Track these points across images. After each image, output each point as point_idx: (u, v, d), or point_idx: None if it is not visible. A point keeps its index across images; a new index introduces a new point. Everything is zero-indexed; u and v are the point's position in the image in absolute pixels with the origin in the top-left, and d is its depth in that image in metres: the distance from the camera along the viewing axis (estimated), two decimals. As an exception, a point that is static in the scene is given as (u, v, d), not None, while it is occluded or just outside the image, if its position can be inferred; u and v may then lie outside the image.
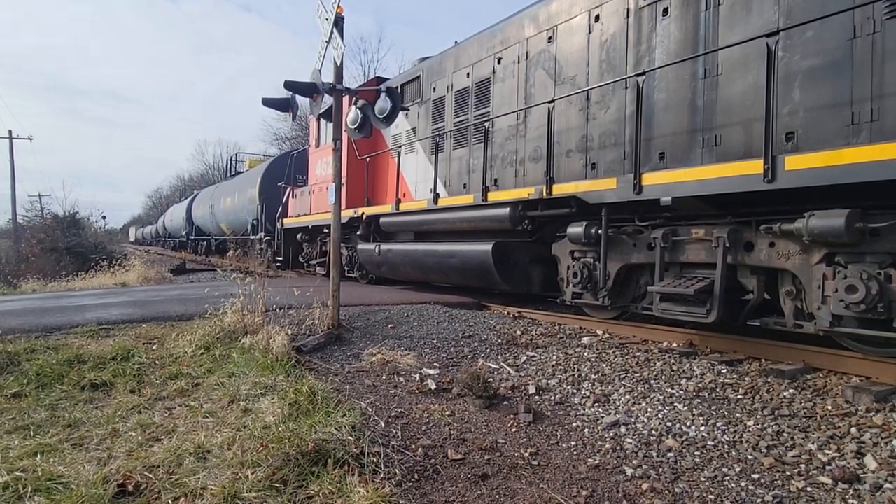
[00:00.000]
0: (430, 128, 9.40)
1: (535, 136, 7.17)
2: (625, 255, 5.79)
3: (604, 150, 6.23)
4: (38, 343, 5.21)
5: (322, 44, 5.75)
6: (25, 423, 3.49)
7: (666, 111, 5.56)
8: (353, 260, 11.30)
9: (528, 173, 7.28)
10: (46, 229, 24.28)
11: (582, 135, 6.48)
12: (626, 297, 6.00)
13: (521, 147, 7.42)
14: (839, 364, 4.30)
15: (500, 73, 7.86)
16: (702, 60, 5.24)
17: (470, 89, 8.46)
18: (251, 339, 5.12)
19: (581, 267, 6.21)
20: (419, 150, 9.74)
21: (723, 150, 5.07)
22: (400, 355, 4.88)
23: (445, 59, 9.20)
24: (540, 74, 7.14)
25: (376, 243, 9.85)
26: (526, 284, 7.34)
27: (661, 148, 5.59)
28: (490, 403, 3.87)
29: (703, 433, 3.35)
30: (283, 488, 2.60)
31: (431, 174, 8.96)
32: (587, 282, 6.14)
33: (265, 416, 3.35)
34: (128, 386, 4.26)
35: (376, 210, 10.11)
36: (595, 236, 5.91)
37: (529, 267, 7.31)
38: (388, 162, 10.57)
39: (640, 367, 4.56)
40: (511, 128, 7.60)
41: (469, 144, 8.48)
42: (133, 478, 2.69)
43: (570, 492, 2.76)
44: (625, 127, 5.96)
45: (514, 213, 6.90)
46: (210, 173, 57.74)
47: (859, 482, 2.74)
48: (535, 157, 7.15)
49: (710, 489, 2.77)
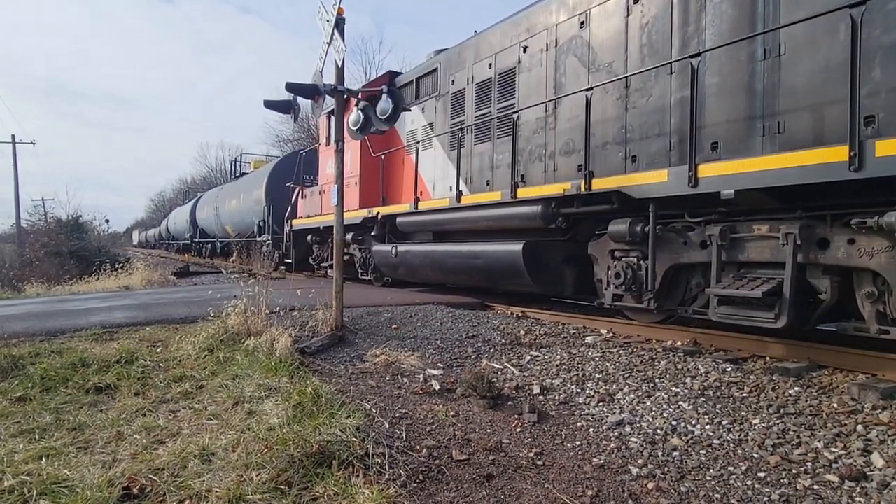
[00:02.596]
0: (448, 122, 9.05)
1: (566, 128, 6.79)
2: (674, 254, 5.39)
3: (646, 142, 5.82)
4: (42, 346, 5.22)
5: (323, 45, 5.75)
6: (30, 427, 3.49)
7: (719, 97, 5.13)
8: (367, 262, 10.95)
9: (559, 168, 6.89)
10: (50, 233, 24.32)
11: (620, 125, 6.08)
12: (673, 299, 5.59)
13: (551, 140, 7.03)
14: (845, 361, 4.28)
15: (526, 63, 7.47)
16: (761, 40, 4.82)
17: (492, 80, 8.08)
18: (255, 340, 5.12)
19: (624, 267, 5.78)
20: (437, 146, 9.38)
21: (787, 138, 4.63)
22: (404, 356, 4.88)
23: (465, 49, 8.83)
24: (571, 62, 6.75)
25: (392, 244, 9.52)
26: (557, 286, 6.96)
27: (713, 137, 5.14)
28: (494, 403, 3.86)
29: (708, 432, 3.33)
30: (288, 490, 2.60)
31: (451, 171, 8.65)
32: (630, 283, 5.70)
33: (269, 418, 3.35)
34: (132, 389, 4.26)
35: (392, 209, 9.74)
36: (641, 234, 5.50)
37: (561, 267, 6.90)
38: (404, 159, 10.20)
39: (644, 366, 4.55)
40: (539, 120, 7.21)
41: (492, 139, 8.09)
42: (138, 480, 2.69)
43: (575, 492, 2.75)
44: (670, 116, 5.57)
45: (546, 211, 6.53)
46: (212, 176, 57.86)
47: (866, 480, 2.72)
48: (567, 151, 6.76)
49: (715, 488, 2.76)
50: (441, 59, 9.42)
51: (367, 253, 10.74)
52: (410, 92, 10.21)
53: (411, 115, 10.05)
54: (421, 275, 9.12)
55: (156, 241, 45.40)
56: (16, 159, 34.81)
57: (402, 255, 9.15)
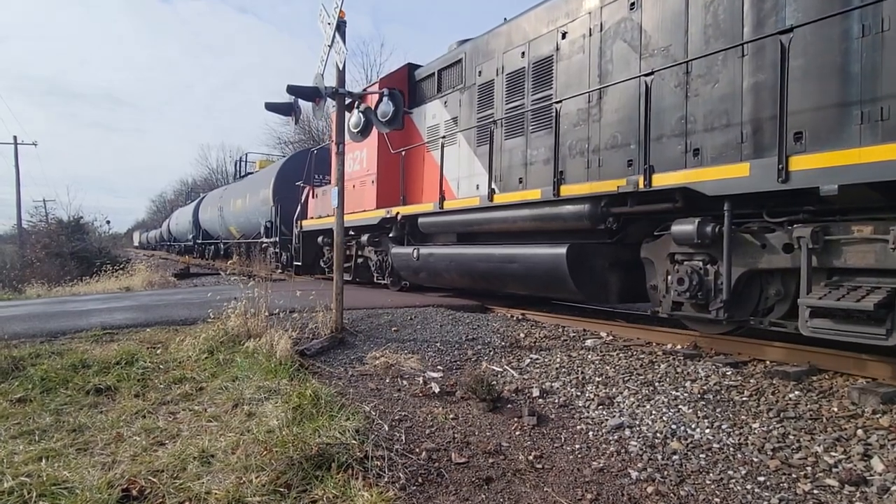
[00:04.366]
0: (474, 116, 8.44)
1: (613, 119, 6.20)
2: (749, 258, 4.79)
3: (711, 133, 5.25)
4: (42, 348, 5.22)
5: (324, 48, 5.76)
6: (30, 428, 3.49)
7: (804, 81, 4.55)
8: (383, 265, 10.32)
9: (605, 163, 6.29)
10: (51, 234, 24.40)
11: (679, 116, 5.51)
12: (745, 309, 4.99)
13: (594, 134, 6.44)
14: (845, 365, 4.27)
15: (565, 50, 6.89)
16: (857, 15, 4.25)
17: (526, 70, 7.48)
18: (255, 342, 5.12)
19: (688, 272, 5.17)
20: (461, 141, 8.77)
21: (894, 126, 4.07)
22: (403, 358, 4.88)
23: (494, 38, 8.20)
24: (619, 48, 6.18)
25: (413, 247, 8.93)
26: (602, 293, 6.35)
27: (796, 126, 4.56)
28: (494, 406, 3.86)
29: (708, 435, 3.33)
30: (287, 492, 2.60)
31: (478, 168, 8.16)
32: (696, 290, 5.11)
33: (269, 420, 3.35)
34: (132, 390, 4.26)
35: (413, 209, 9.10)
36: (711, 235, 4.92)
37: (606, 273, 6.28)
38: (424, 156, 9.60)
39: (644, 370, 4.55)
40: (580, 112, 6.61)
41: (525, 133, 7.48)
42: (137, 482, 2.69)
43: (574, 495, 2.74)
44: (741, 103, 5.01)
45: (594, 210, 5.95)
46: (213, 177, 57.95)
47: (866, 484, 2.72)
48: (614, 145, 6.17)
49: (715, 492, 2.76)
50: (467, 48, 8.80)
51: (385, 256, 10.18)
52: (431, 85, 9.76)
53: (432, 109, 9.57)
54: (445, 280, 8.54)
55: (157, 242, 45.39)
56: (17, 161, 34.91)
57: (424, 259, 8.59)
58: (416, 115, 9.95)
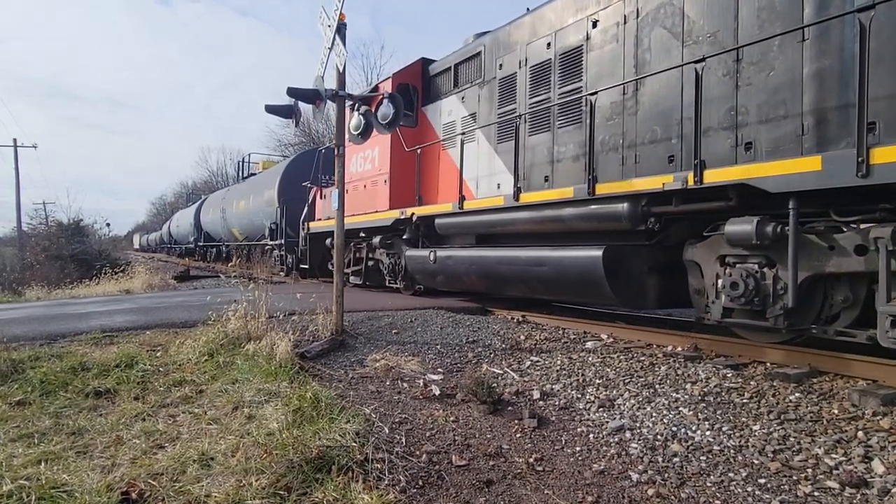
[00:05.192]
0: (495, 112, 8.04)
1: (652, 113, 5.80)
2: (815, 260, 4.38)
3: (766, 125, 4.86)
4: (42, 351, 5.22)
5: (324, 50, 5.77)
6: (29, 431, 3.49)
7: (877, 67, 4.13)
8: (396, 269, 9.90)
9: (642, 159, 5.90)
10: (51, 237, 24.42)
11: (729, 107, 5.13)
12: (806, 316, 4.57)
13: (630, 128, 6.04)
14: (845, 367, 4.26)
15: (596, 39, 6.49)
16: None
17: (552, 62, 7.09)
18: (255, 345, 5.12)
19: (743, 276, 4.76)
20: (480, 138, 8.32)
21: None
22: (404, 361, 4.88)
23: (516, 29, 7.81)
24: (659, 35, 5.78)
25: (430, 249, 8.51)
26: (639, 298, 5.98)
27: (869, 116, 4.10)
28: (494, 409, 3.86)
29: (708, 438, 3.33)
30: (288, 495, 2.60)
31: (499, 166, 7.81)
32: (752, 296, 4.70)
33: (269, 423, 3.35)
34: (132, 393, 4.26)
35: (430, 210, 8.68)
36: (773, 236, 4.50)
37: (644, 277, 5.90)
38: (440, 154, 9.20)
39: (644, 372, 4.54)
40: (614, 105, 6.20)
41: (552, 129, 7.06)
42: (137, 485, 2.69)
43: (575, 497, 2.74)
44: (801, 92, 4.63)
45: (634, 210, 5.54)
46: (214, 180, 57.96)
47: (867, 486, 2.72)
48: (653, 139, 5.77)
49: (716, 494, 2.75)
50: (486, 41, 8.40)
51: (398, 259, 9.78)
52: (447, 80, 9.39)
53: (448, 105, 9.18)
54: (465, 284, 8.10)
55: (157, 244, 45.34)
56: (17, 163, 34.92)
57: (441, 262, 8.16)
58: (431, 111, 9.64)
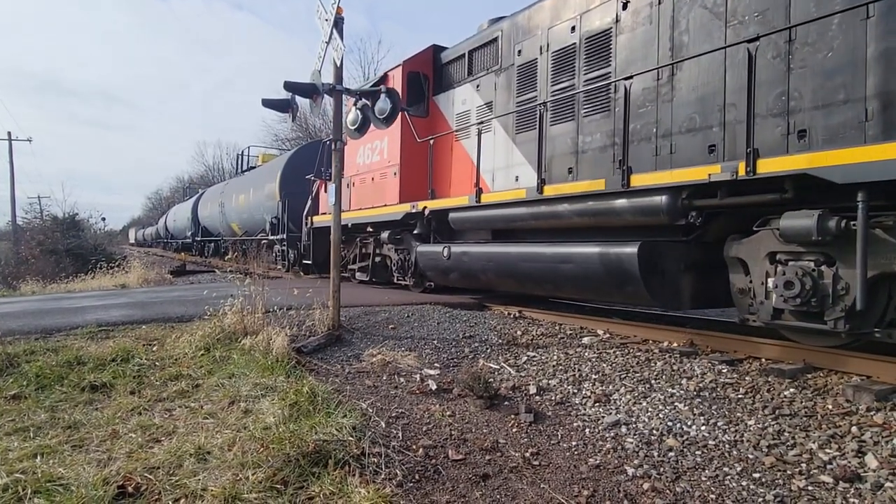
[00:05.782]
0: (513, 100, 7.65)
1: (690, 99, 5.41)
2: (882, 258, 4.03)
3: (822, 111, 4.49)
4: (37, 345, 5.20)
5: (322, 44, 5.75)
6: (25, 425, 3.48)
7: None
8: (405, 265, 9.50)
9: (678, 149, 5.50)
10: (46, 231, 24.31)
11: (779, 91, 4.74)
12: (868, 319, 4.21)
13: (665, 115, 5.65)
14: (840, 363, 4.29)
15: (626, 22, 6.09)
16: None
17: (577, 47, 6.68)
18: (251, 340, 5.11)
19: (799, 275, 4.33)
20: (497, 129, 7.92)
21: None
22: (400, 356, 4.88)
23: (536, 13, 7.44)
24: (698, 15, 5.42)
25: (443, 244, 8.14)
26: (675, 298, 5.56)
27: None
28: (491, 403, 3.87)
29: (704, 432, 3.35)
30: (284, 489, 2.60)
31: (517, 157, 7.45)
32: (809, 296, 4.28)
33: (265, 417, 3.35)
34: (128, 387, 4.25)
35: (444, 204, 8.29)
36: (836, 231, 4.11)
37: (679, 275, 5.50)
38: (452, 146, 8.84)
39: (640, 367, 4.56)
40: (647, 91, 5.81)
41: (577, 118, 6.67)
42: (133, 479, 2.69)
43: (571, 492, 2.75)
44: (865, 75, 4.27)
45: (673, 203, 5.14)
46: (210, 174, 57.76)
47: (860, 481, 2.74)
48: (692, 128, 5.39)
49: (711, 488, 2.77)
50: (503, 26, 8.00)
51: (407, 254, 9.41)
52: (461, 67, 8.99)
53: (462, 94, 8.81)
54: (481, 281, 7.78)
55: (153, 239, 45.09)
56: (12, 157, 34.78)
57: (456, 258, 7.80)
58: (443, 100, 9.28)
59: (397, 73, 9.39)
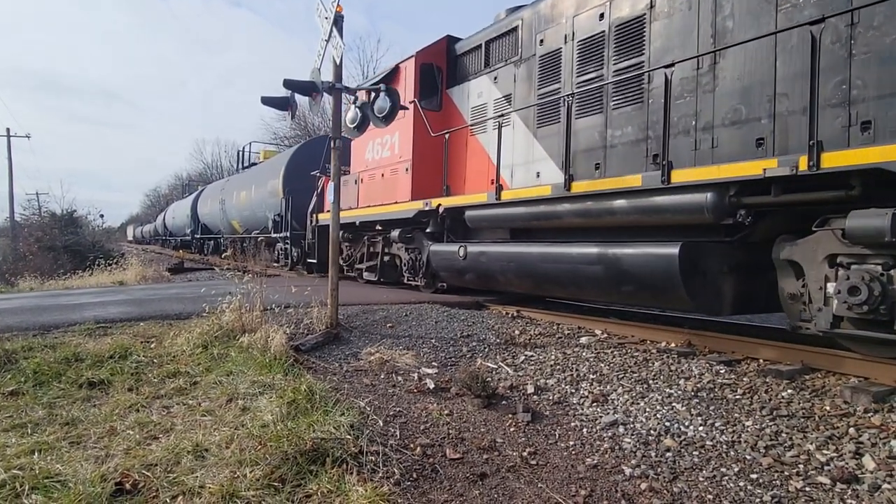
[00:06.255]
0: (534, 93, 7.31)
1: (735, 88, 5.08)
2: None
3: (890, 101, 4.13)
4: (35, 341, 5.19)
5: (321, 42, 5.74)
6: (23, 421, 3.48)
7: None
8: (416, 264, 9.17)
9: (721, 143, 5.17)
10: (44, 227, 24.27)
11: (839, 80, 4.41)
12: None
13: (706, 107, 5.33)
14: (837, 364, 4.30)
15: (662, 7, 5.78)
16: None
17: (606, 35, 6.36)
18: (249, 337, 5.11)
19: (866, 279, 3.95)
20: (517, 122, 7.59)
21: None
22: (398, 355, 4.88)
23: (560, 1, 7.11)
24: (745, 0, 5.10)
25: (459, 244, 7.82)
26: (716, 303, 5.15)
27: None
28: (488, 403, 3.87)
29: (701, 433, 3.35)
30: (282, 487, 2.60)
31: (538, 153, 7.14)
32: (877, 303, 3.89)
33: (263, 415, 3.34)
34: (125, 384, 4.25)
35: (460, 201, 7.93)
36: None
37: (720, 278, 5.12)
38: (467, 140, 8.53)
39: (638, 367, 4.56)
40: (685, 82, 5.48)
41: (605, 110, 6.35)
42: (131, 476, 2.68)
43: (568, 491, 2.76)
44: None
45: (720, 201, 4.76)
46: (208, 172, 57.67)
47: (858, 482, 2.75)
48: (736, 120, 5.07)
49: (708, 489, 2.77)
50: (523, 15, 7.71)
51: (418, 254, 9.07)
52: (477, 59, 8.64)
53: (478, 86, 8.47)
54: (499, 283, 7.44)
55: (151, 236, 44.98)
56: (10, 153, 34.72)
57: (473, 258, 7.48)
58: (457, 93, 8.93)
59: (410, 64, 9.08)
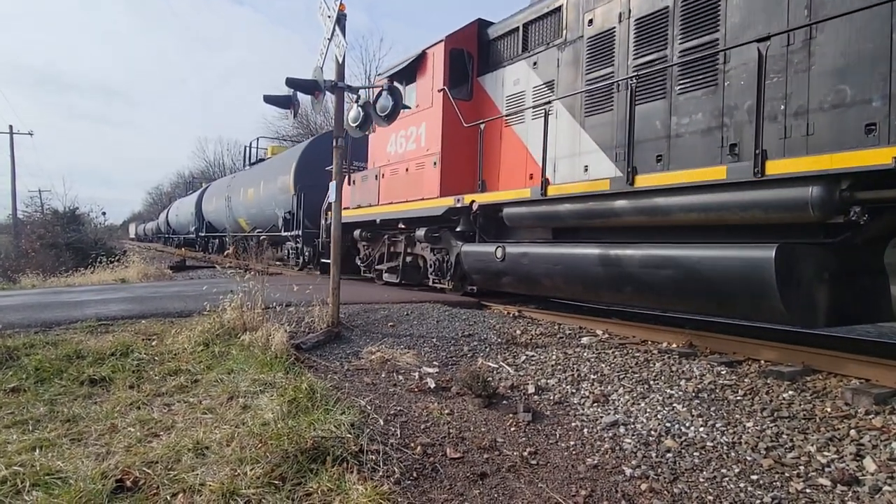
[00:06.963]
0: (581, 78, 6.67)
1: (836, 66, 4.42)
2: None
3: None
4: (37, 338, 5.20)
5: (324, 41, 5.74)
6: (24, 418, 3.49)
7: None
8: (443, 266, 8.55)
9: (818, 129, 4.52)
10: (46, 225, 24.32)
11: None
12: None
13: (799, 89, 4.65)
14: (839, 366, 4.29)
15: None
16: None
17: (671, 10, 5.63)
18: (250, 336, 5.11)
19: None
20: (561, 111, 6.93)
21: None
22: (399, 354, 4.89)
23: None
24: None
25: (496, 244, 7.20)
26: (811, 313, 4.45)
27: None
28: (489, 402, 3.87)
29: (702, 434, 3.35)
30: (282, 485, 2.60)
31: (586, 144, 6.54)
32: None
33: (264, 413, 3.35)
34: (127, 382, 4.25)
35: (497, 197, 7.28)
36: None
37: (818, 285, 4.44)
38: (501, 132, 7.90)
39: (639, 368, 4.56)
40: (773, 60, 4.79)
41: (668, 95, 5.68)
42: (131, 473, 2.69)
43: (568, 491, 2.76)
44: None
45: (827, 196, 4.07)
46: (210, 170, 57.71)
47: (858, 484, 2.74)
48: (839, 103, 4.41)
49: (708, 490, 2.77)
50: None
51: (446, 254, 8.46)
52: (513, 43, 7.93)
53: (514, 73, 7.79)
54: (544, 287, 6.70)
55: (154, 234, 44.96)
56: (13, 150, 34.75)
57: (513, 260, 6.84)
58: (490, 81, 8.24)
59: (438, 50, 8.43)
